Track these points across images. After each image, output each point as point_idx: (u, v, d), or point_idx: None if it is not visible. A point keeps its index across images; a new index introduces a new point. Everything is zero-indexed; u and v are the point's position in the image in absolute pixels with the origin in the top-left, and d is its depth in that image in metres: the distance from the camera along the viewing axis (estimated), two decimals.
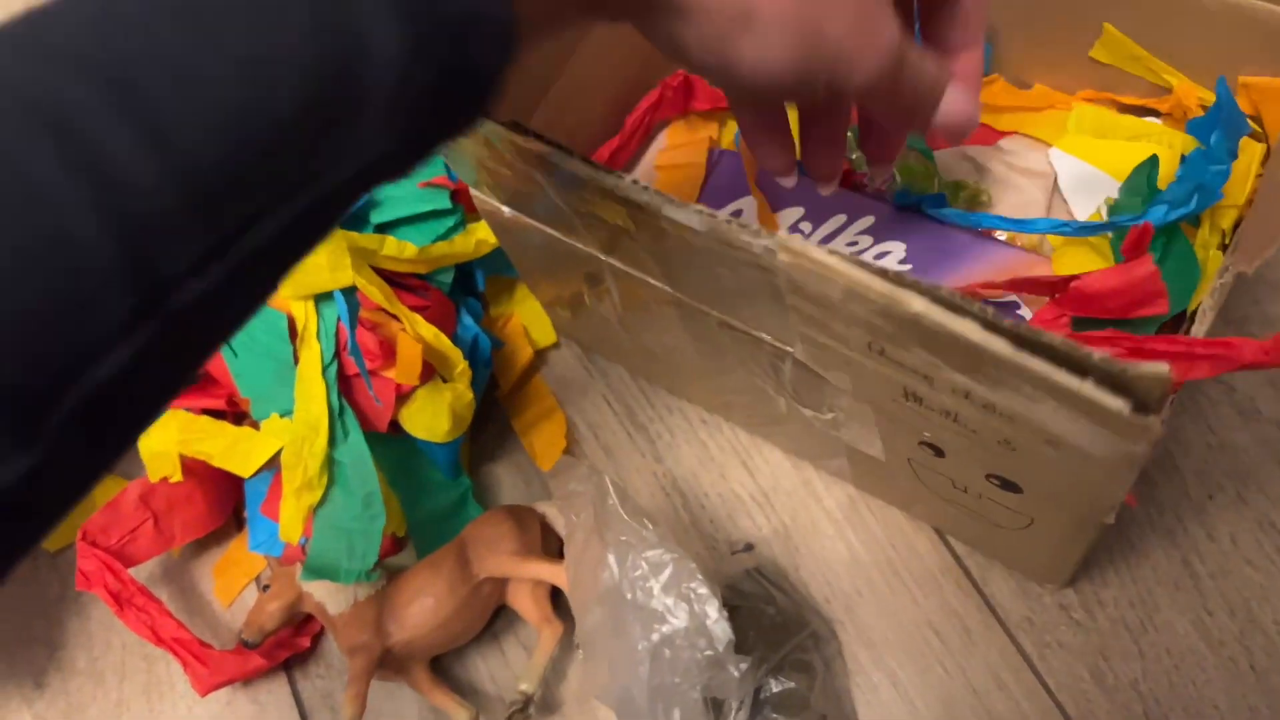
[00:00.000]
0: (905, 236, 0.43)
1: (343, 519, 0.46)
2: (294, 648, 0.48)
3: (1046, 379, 0.23)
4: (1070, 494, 0.31)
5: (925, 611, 0.44)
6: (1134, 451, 0.25)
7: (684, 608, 0.31)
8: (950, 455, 0.33)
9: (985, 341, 0.23)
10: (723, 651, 0.31)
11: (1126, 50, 0.43)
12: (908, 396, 0.29)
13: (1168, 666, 0.41)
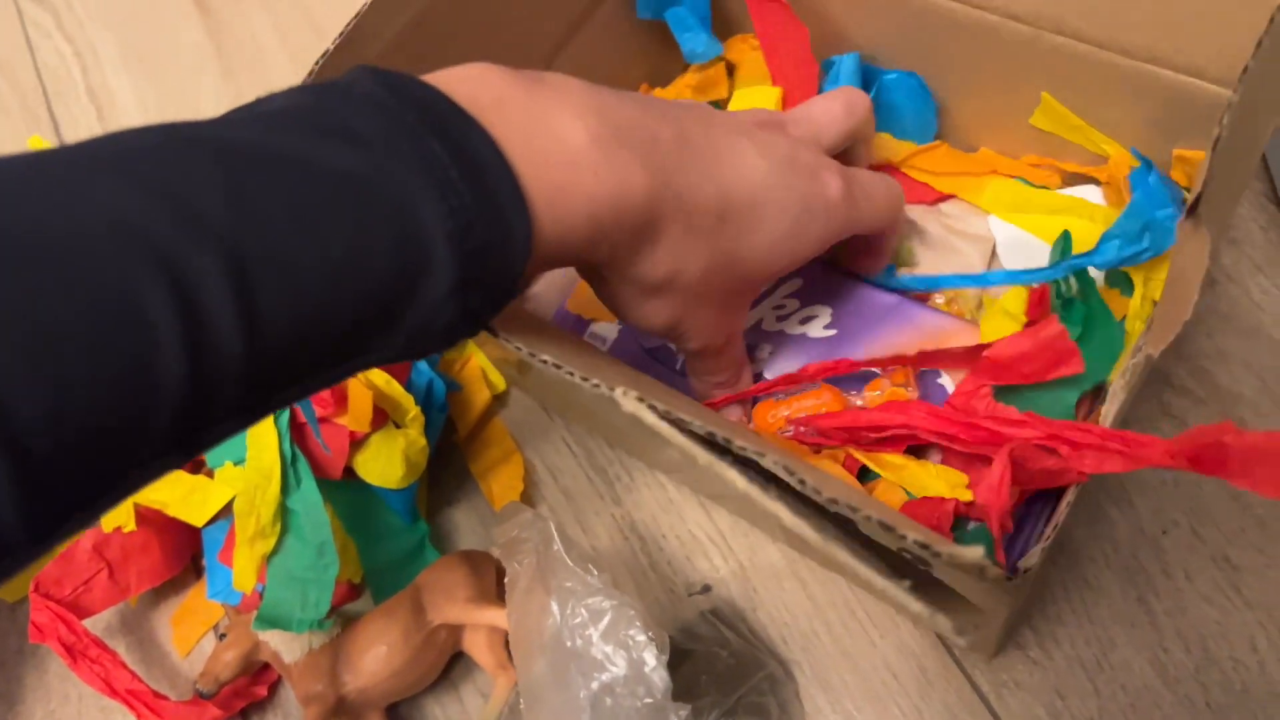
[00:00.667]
0: (831, 300, 0.43)
1: (296, 567, 0.46)
2: (250, 697, 0.47)
3: (856, 573, 0.23)
4: (967, 589, 0.30)
5: (882, 652, 0.43)
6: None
7: (623, 655, 0.31)
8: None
9: (793, 525, 0.24)
10: (661, 699, 0.31)
11: (1065, 120, 0.44)
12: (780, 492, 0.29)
13: (1124, 704, 0.41)
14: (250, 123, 0.25)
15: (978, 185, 0.46)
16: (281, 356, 0.23)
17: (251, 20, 0.69)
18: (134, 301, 0.21)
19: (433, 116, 0.26)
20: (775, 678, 0.42)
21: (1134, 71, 0.40)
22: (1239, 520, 0.43)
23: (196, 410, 0.22)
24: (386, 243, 0.24)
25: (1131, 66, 0.40)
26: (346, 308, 0.24)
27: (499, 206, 0.26)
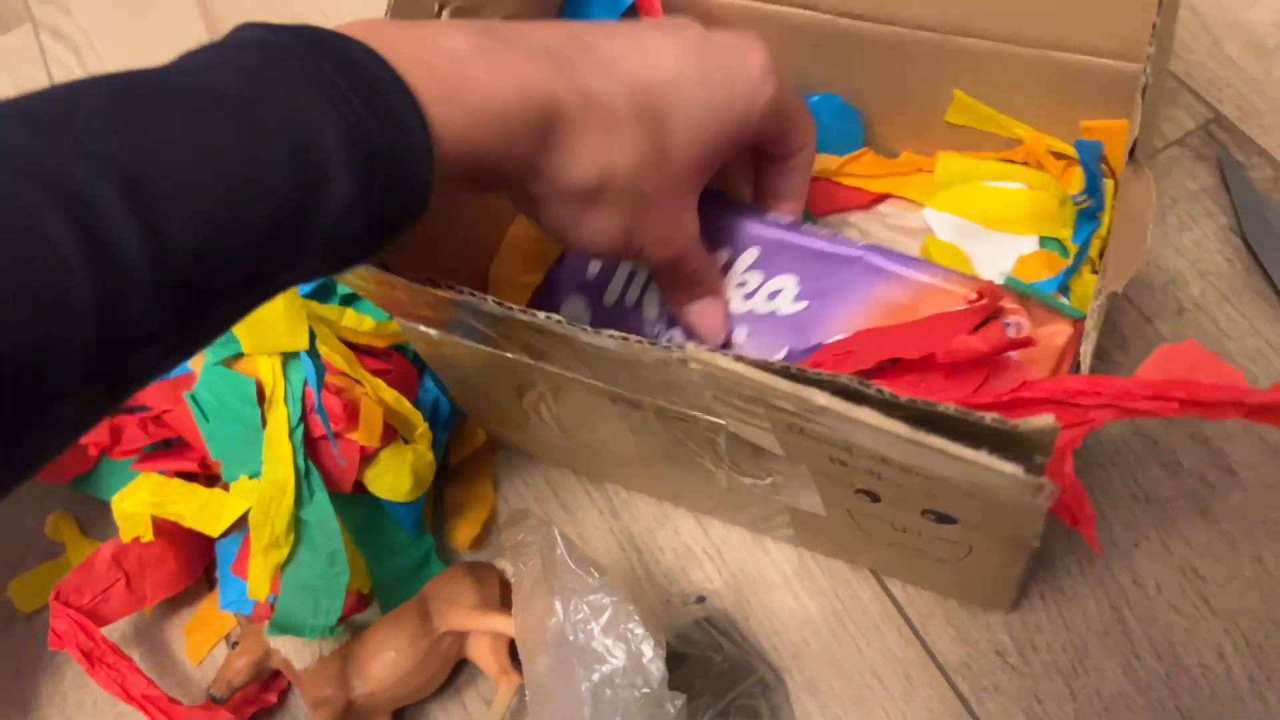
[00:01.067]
0: (794, 267, 0.41)
1: (308, 577, 0.48)
2: (261, 703, 0.49)
3: (944, 451, 0.26)
4: (997, 526, 0.33)
5: (869, 659, 0.46)
6: (1037, 503, 0.28)
7: (622, 647, 0.33)
8: (885, 500, 0.35)
9: (884, 425, 0.26)
10: (658, 689, 0.33)
11: (977, 112, 0.48)
12: (833, 461, 0.32)
13: (1098, 708, 0.43)
14: (150, 71, 0.26)
15: (906, 182, 0.50)
16: (192, 276, 0.24)
17: None
18: (38, 232, 0.21)
19: (320, 43, 0.27)
20: (767, 682, 0.44)
21: (1036, 59, 0.44)
22: (1205, 534, 0.45)
23: (112, 336, 0.23)
24: (283, 156, 0.25)
25: (1033, 54, 0.44)
26: (250, 223, 0.25)
27: (392, 112, 0.27)
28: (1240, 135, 0.55)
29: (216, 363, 0.48)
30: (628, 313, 0.44)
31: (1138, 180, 0.30)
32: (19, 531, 0.56)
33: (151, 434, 0.51)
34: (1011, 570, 0.39)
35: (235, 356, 0.48)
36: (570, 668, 0.34)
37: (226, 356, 0.48)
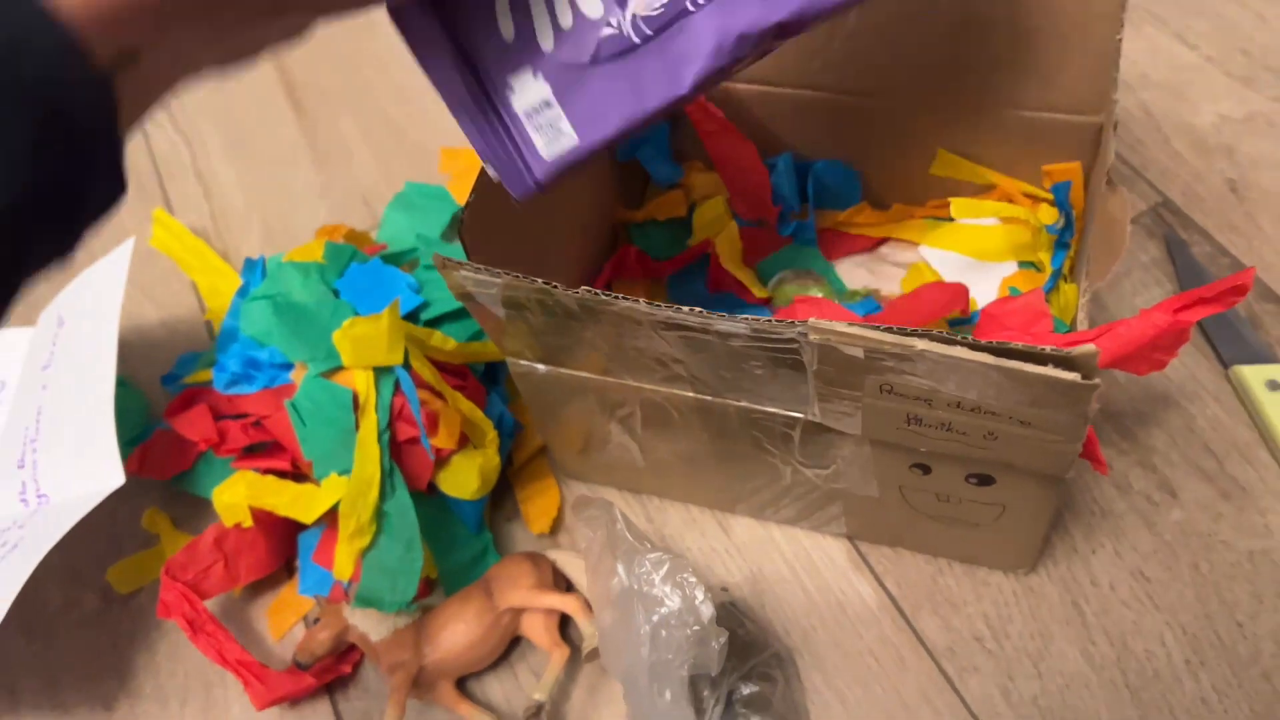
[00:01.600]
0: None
1: (388, 561, 0.56)
2: (337, 672, 0.56)
3: (1020, 372, 0.35)
4: (1039, 461, 0.41)
5: (867, 642, 0.53)
6: (1086, 410, 0.36)
7: (678, 593, 0.41)
8: (936, 469, 0.44)
9: (973, 357, 0.35)
10: (707, 626, 0.41)
11: (957, 165, 0.60)
12: (909, 421, 0.40)
13: (1061, 685, 0.51)
14: None
15: (900, 227, 0.62)
16: None
17: (339, 121, 0.81)
18: None
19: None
20: (781, 656, 0.51)
21: (1006, 117, 0.56)
22: (1152, 545, 0.54)
23: None
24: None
25: (1005, 114, 0.56)
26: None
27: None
28: (1184, 217, 0.65)
29: (317, 375, 0.57)
30: (583, 29, 0.35)
31: (1114, 195, 0.40)
32: (115, 524, 0.64)
33: (251, 436, 0.59)
34: (1037, 525, 0.48)
35: (334, 370, 0.57)
36: (632, 614, 0.41)
37: (326, 370, 0.56)
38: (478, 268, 0.41)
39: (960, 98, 0.55)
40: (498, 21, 0.34)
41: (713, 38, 0.34)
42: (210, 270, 0.73)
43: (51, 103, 0.24)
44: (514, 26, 0.34)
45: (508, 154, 0.35)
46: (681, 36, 0.34)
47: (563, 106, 0.35)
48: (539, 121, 0.35)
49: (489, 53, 0.34)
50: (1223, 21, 0.73)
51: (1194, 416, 0.57)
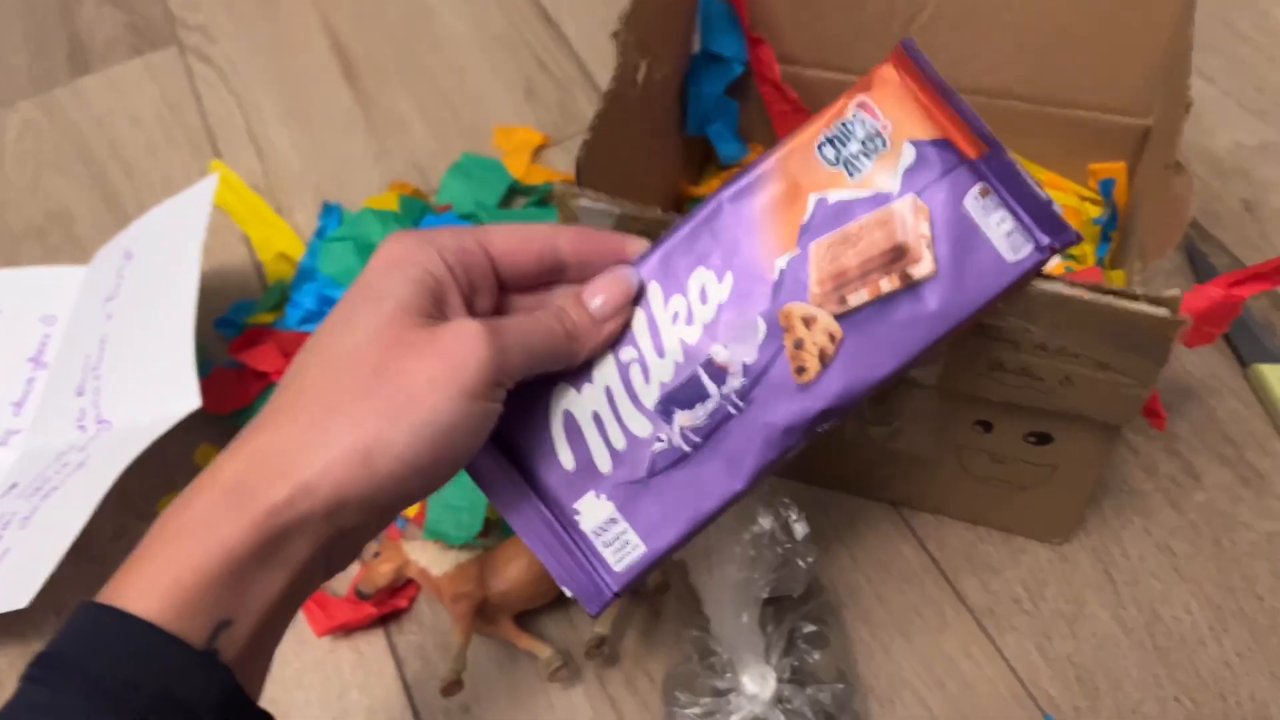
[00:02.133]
0: (691, 260, 0.39)
1: (452, 499, 0.57)
2: (393, 606, 0.58)
3: (1112, 306, 0.38)
4: (1107, 408, 0.44)
5: (910, 599, 0.56)
6: (1167, 350, 0.39)
7: (770, 514, 0.43)
8: (998, 426, 0.47)
9: (1072, 293, 0.38)
10: (800, 543, 0.43)
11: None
12: (991, 367, 0.43)
13: (1093, 645, 0.54)
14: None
15: None
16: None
17: (395, 96, 0.84)
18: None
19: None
20: (831, 604, 0.54)
21: (1059, 116, 0.60)
22: (1177, 522, 0.57)
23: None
24: None
25: (1058, 113, 0.60)
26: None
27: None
28: (1203, 231, 0.69)
29: None
30: (636, 447, 0.38)
31: (1179, 176, 0.43)
32: (168, 457, 0.64)
33: None
34: (1081, 489, 0.51)
35: None
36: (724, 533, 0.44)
37: None
38: (599, 196, 0.43)
39: (1020, 94, 0.59)
40: (558, 455, 0.38)
41: (760, 434, 0.37)
42: (264, 224, 0.75)
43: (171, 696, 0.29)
44: (573, 456, 0.38)
45: (583, 573, 0.37)
46: (730, 438, 0.37)
47: (628, 521, 0.37)
48: (608, 538, 0.37)
49: (554, 482, 0.38)
50: (1238, 60, 0.79)
51: (1215, 409, 0.61)
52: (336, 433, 0.31)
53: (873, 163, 0.37)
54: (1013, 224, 0.36)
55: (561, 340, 0.36)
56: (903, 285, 0.36)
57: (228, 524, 0.30)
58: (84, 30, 0.93)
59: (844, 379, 0.36)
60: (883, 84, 0.37)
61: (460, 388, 0.32)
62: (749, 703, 0.47)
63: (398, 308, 0.33)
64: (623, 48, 0.49)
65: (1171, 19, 0.54)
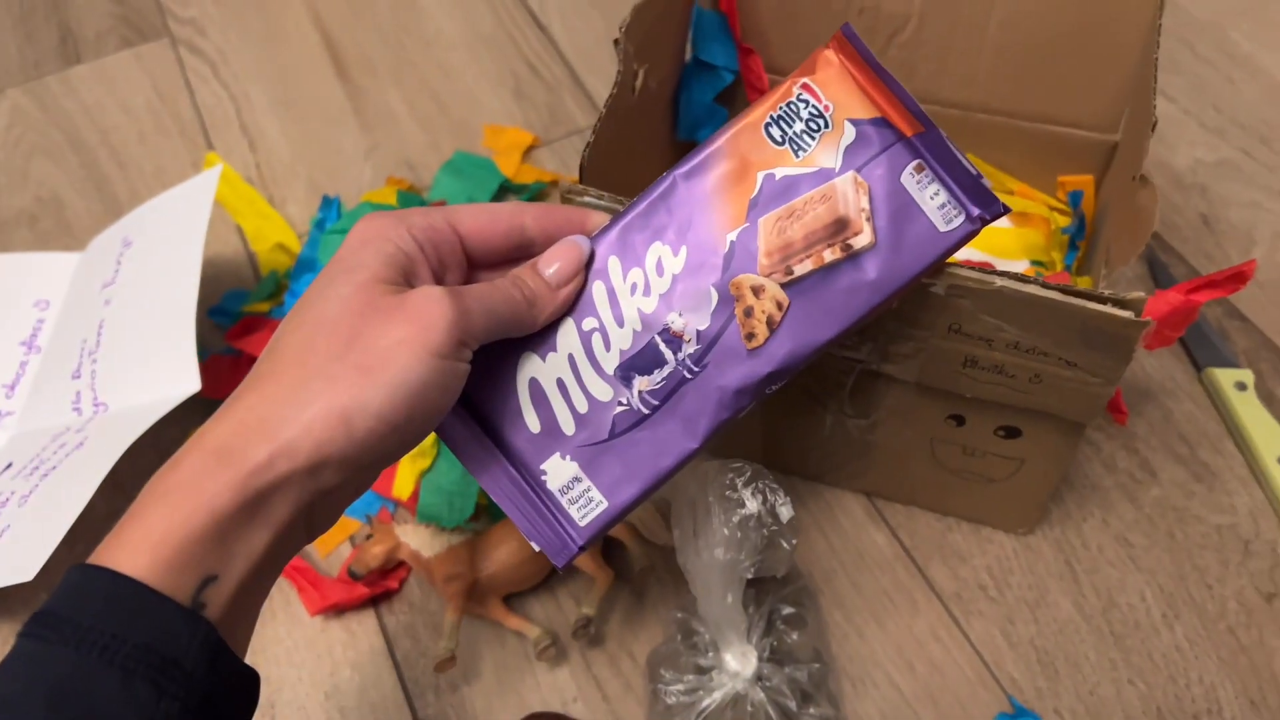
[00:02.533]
0: (648, 236, 0.41)
1: (445, 483, 0.59)
2: (384, 587, 0.59)
3: (1081, 307, 0.41)
4: (1074, 405, 0.47)
5: (883, 585, 0.59)
6: (1131, 350, 0.42)
7: (759, 497, 0.46)
8: (970, 420, 0.50)
9: (1045, 294, 0.41)
10: (784, 525, 0.46)
11: (983, 170, 0.66)
12: (966, 364, 0.46)
13: (1054, 630, 0.57)
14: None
15: None
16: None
17: (385, 91, 0.86)
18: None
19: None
20: (808, 589, 0.57)
21: (1032, 130, 0.64)
22: (1134, 515, 0.61)
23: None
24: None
25: (1030, 127, 0.63)
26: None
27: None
28: (1163, 243, 0.73)
29: None
30: (598, 410, 0.40)
31: (1145, 188, 0.46)
32: (161, 440, 0.65)
33: None
34: (1046, 483, 0.54)
35: None
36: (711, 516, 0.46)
37: None
38: (601, 194, 0.46)
39: (995, 109, 0.62)
40: (525, 419, 0.40)
41: (713, 396, 0.39)
42: (258, 215, 0.76)
43: (161, 653, 0.31)
44: (539, 420, 0.40)
45: (550, 529, 0.40)
46: (685, 400, 0.39)
47: (592, 479, 0.40)
48: (573, 496, 0.40)
49: (522, 445, 0.40)
50: (1198, 80, 0.82)
51: (1171, 410, 0.65)
52: (315, 395, 0.33)
53: (816, 141, 0.40)
54: (946, 197, 0.39)
55: (521, 305, 0.38)
56: (844, 255, 0.39)
57: (212, 484, 0.32)
58: (74, 21, 0.94)
59: (790, 343, 0.39)
60: (825, 67, 0.40)
61: (428, 347, 0.34)
62: (731, 680, 0.49)
63: (370, 278, 0.35)
64: (623, 55, 0.52)
65: (1139, 42, 0.57)
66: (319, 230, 0.63)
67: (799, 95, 0.40)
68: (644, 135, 0.61)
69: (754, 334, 0.39)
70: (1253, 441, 0.62)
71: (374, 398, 0.33)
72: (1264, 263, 0.72)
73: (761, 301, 0.39)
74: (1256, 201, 0.75)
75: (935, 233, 0.39)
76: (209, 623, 0.32)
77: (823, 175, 0.39)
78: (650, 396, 0.40)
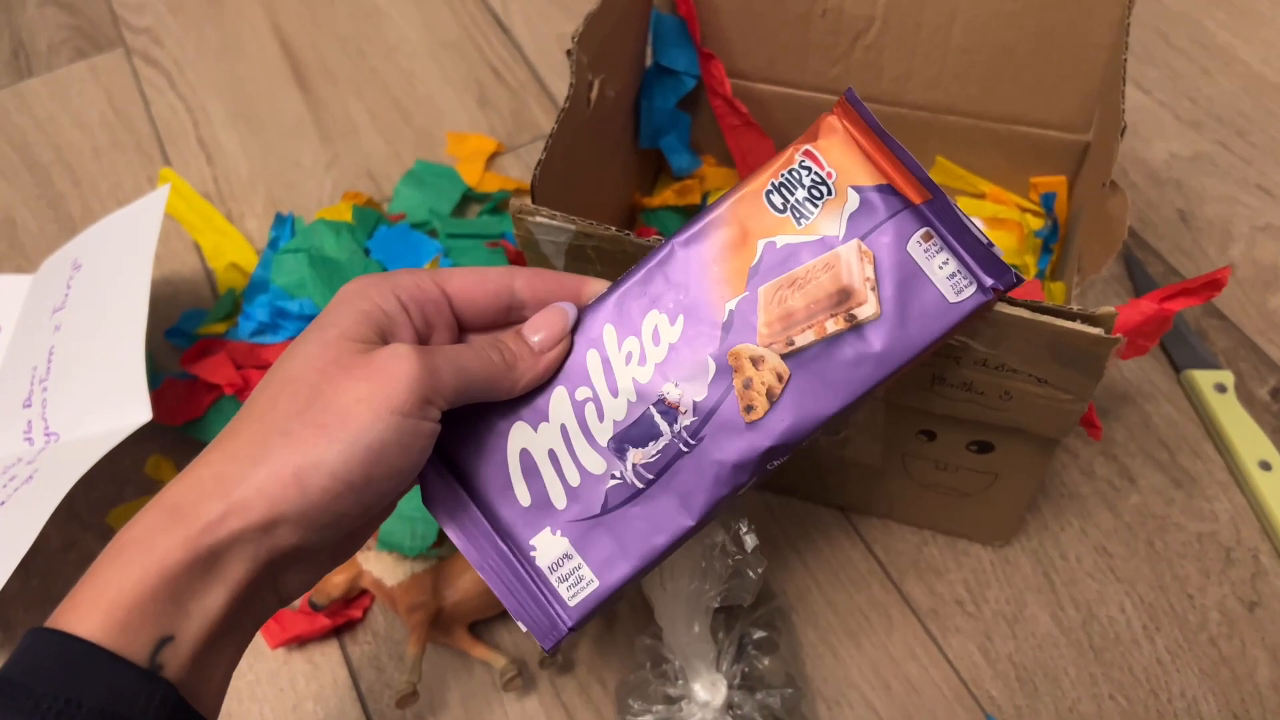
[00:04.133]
0: (644, 304, 0.39)
1: (407, 510, 0.58)
2: (347, 617, 0.58)
3: (1050, 325, 0.39)
4: (1045, 422, 0.45)
5: (857, 603, 0.58)
6: (1102, 366, 0.41)
7: (723, 527, 0.44)
8: (941, 435, 0.49)
9: (1012, 312, 0.39)
10: (749, 556, 0.44)
11: (953, 172, 0.65)
12: (934, 381, 0.44)
13: (1033, 645, 0.56)
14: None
15: None
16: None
17: (346, 101, 0.84)
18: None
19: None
20: (782, 609, 0.55)
21: (1002, 131, 0.62)
22: (1113, 524, 0.59)
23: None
24: None
25: (1000, 128, 0.62)
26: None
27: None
28: (1140, 240, 0.71)
29: None
30: (591, 484, 0.38)
31: (1115, 196, 0.45)
32: (117, 469, 0.64)
33: None
34: (1021, 497, 0.53)
35: None
36: None
37: None
38: (553, 214, 0.44)
39: (964, 110, 0.61)
40: (514, 491, 0.38)
41: (710, 471, 0.37)
42: (215, 232, 0.75)
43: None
44: (529, 492, 0.38)
45: (538, 608, 0.38)
46: (681, 475, 0.38)
47: (582, 556, 0.38)
48: (562, 574, 0.38)
49: (511, 518, 0.38)
50: (1173, 72, 0.81)
51: (1150, 414, 0.64)
52: (270, 451, 0.32)
53: (819, 209, 0.38)
54: (955, 266, 0.37)
55: (499, 368, 0.37)
56: (848, 326, 0.37)
57: (164, 542, 0.31)
58: (26, 32, 0.91)
59: (791, 417, 0.37)
60: (828, 133, 0.38)
61: (389, 404, 0.33)
62: (700, 710, 0.48)
63: (339, 335, 0.34)
64: (576, 66, 0.50)
65: (1109, 41, 0.55)
66: (272, 250, 0.62)
67: (801, 162, 0.38)
68: (603, 145, 0.59)
69: (753, 406, 0.37)
70: (1233, 445, 0.61)
71: (327, 455, 0.32)
72: (1242, 259, 0.70)
73: (761, 373, 0.37)
74: (1233, 196, 0.74)
75: (944, 303, 0.37)
76: (168, 683, 0.31)
77: (825, 244, 0.38)
78: (645, 470, 0.38)
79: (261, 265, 0.62)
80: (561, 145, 0.49)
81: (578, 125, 0.52)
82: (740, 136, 0.64)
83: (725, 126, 0.64)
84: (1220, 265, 0.70)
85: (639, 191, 0.68)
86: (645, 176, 0.69)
